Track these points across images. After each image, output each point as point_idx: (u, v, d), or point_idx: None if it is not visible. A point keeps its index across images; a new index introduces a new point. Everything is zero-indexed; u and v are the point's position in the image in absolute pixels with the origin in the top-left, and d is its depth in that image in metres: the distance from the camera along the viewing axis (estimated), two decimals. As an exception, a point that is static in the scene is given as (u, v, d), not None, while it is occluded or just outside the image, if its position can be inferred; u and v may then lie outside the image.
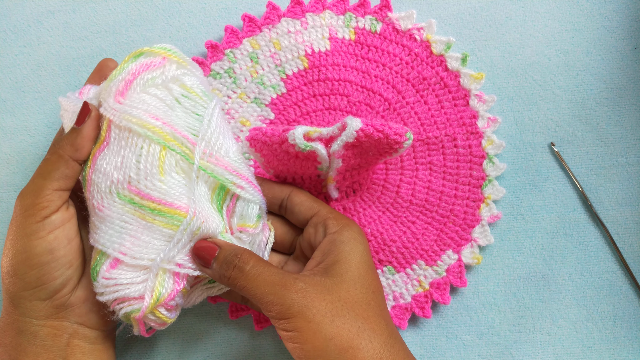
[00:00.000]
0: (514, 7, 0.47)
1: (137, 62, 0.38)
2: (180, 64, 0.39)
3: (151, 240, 0.36)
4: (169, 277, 0.36)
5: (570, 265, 0.46)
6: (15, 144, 0.48)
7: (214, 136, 0.37)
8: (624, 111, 0.47)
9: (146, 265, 0.36)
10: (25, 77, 0.48)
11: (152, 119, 0.36)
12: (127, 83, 0.37)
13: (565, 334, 0.46)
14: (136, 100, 0.37)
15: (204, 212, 0.37)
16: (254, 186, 0.39)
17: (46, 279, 0.37)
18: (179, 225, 0.36)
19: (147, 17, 0.48)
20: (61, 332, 0.38)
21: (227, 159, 0.38)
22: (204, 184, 0.37)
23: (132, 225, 0.36)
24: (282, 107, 0.46)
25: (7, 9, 0.48)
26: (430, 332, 0.46)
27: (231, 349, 0.46)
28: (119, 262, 0.36)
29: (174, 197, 0.36)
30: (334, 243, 0.37)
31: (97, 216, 0.37)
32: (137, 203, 0.36)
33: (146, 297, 0.36)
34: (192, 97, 0.38)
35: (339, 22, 0.47)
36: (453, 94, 0.46)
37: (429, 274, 0.45)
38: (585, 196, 0.46)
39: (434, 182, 0.45)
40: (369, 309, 0.35)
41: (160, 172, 0.36)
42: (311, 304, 0.34)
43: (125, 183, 0.36)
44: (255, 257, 0.36)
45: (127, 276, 0.36)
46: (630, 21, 0.47)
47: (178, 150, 0.36)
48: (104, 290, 0.36)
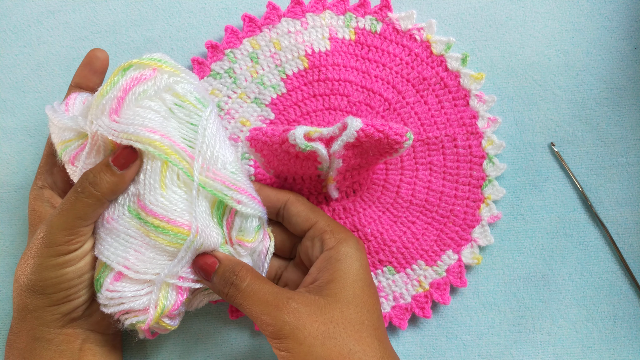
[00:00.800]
0: (514, 7, 0.47)
1: (127, 76, 0.37)
2: (172, 72, 0.38)
3: (155, 256, 0.37)
4: (172, 290, 0.37)
5: (570, 265, 0.46)
6: (15, 144, 0.48)
7: (209, 148, 0.37)
8: (624, 111, 0.47)
9: (149, 280, 0.37)
10: (25, 77, 0.48)
11: (150, 132, 0.36)
12: (120, 100, 0.37)
13: (565, 334, 0.46)
14: (131, 116, 0.36)
15: (205, 228, 0.37)
16: (253, 198, 0.39)
17: (73, 297, 0.38)
18: (182, 243, 0.36)
19: (147, 17, 0.48)
20: (75, 338, 0.39)
21: (225, 172, 0.38)
22: (204, 199, 0.37)
23: (137, 240, 0.37)
24: (282, 107, 0.46)
25: (7, 9, 0.48)
26: (430, 332, 0.46)
27: (231, 349, 0.46)
28: (123, 276, 0.37)
29: (176, 213, 0.36)
30: (330, 261, 0.37)
31: (104, 227, 0.37)
32: (143, 219, 0.36)
33: (150, 310, 0.37)
34: (186, 105, 0.38)
35: (339, 22, 0.47)
36: (453, 94, 0.46)
37: (429, 274, 0.45)
38: (585, 196, 0.46)
39: (434, 182, 0.45)
40: (362, 329, 0.35)
41: (161, 186, 0.36)
42: (303, 325, 0.34)
43: (135, 197, 0.37)
44: (252, 273, 0.36)
45: (130, 289, 0.37)
46: (630, 21, 0.47)
47: (179, 165, 0.36)
48: (108, 303, 0.37)
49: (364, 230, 0.45)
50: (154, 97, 0.37)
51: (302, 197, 0.41)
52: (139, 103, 0.37)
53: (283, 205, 0.41)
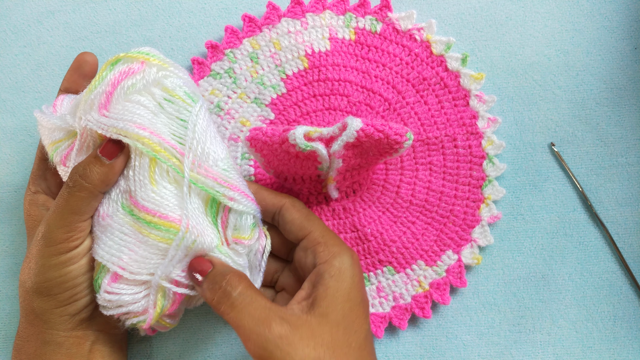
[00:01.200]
0: (514, 7, 0.47)
1: (115, 70, 0.37)
2: (161, 66, 0.38)
3: (148, 254, 0.36)
4: (170, 290, 0.37)
5: (570, 265, 0.46)
6: (15, 144, 0.48)
7: (200, 145, 0.36)
8: (624, 111, 0.47)
9: (145, 280, 0.36)
10: (25, 77, 0.48)
11: (139, 129, 0.35)
12: (108, 95, 0.36)
13: (565, 334, 0.46)
14: (120, 111, 0.36)
15: (198, 225, 0.36)
16: (246, 195, 0.38)
17: (79, 296, 0.38)
18: (174, 239, 0.35)
19: (147, 17, 0.48)
20: (84, 340, 0.39)
21: (216, 169, 0.37)
22: (196, 196, 0.37)
23: (131, 238, 0.36)
24: (282, 107, 0.46)
25: (7, 9, 0.48)
26: (430, 332, 0.46)
27: (231, 349, 0.46)
28: (119, 277, 0.36)
29: (168, 208, 0.36)
30: (322, 277, 0.36)
31: (99, 225, 0.37)
32: (136, 215, 0.36)
33: (149, 310, 0.36)
34: (175, 100, 0.37)
35: (339, 22, 0.47)
36: (453, 94, 0.46)
37: (428, 274, 0.45)
38: (585, 196, 0.46)
39: (434, 182, 0.45)
40: (349, 352, 0.35)
41: (151, 182, 0.36)
42: (294, 352, 0.33)
43: (127, 193, 0.36)
44: (245, 282, 0.35)
45: (128, 292, 0.36)
46: (630, 21, 0.47)
47: (168, 162, 0.36)
48: (107, 305, 0.37)
49: (364, 231, 0.45)
50: (142, 91, 0.37)
51: (298, 203, 0.40)
52: (128, 97, 0.36)
53: (278, 211, 0.40)
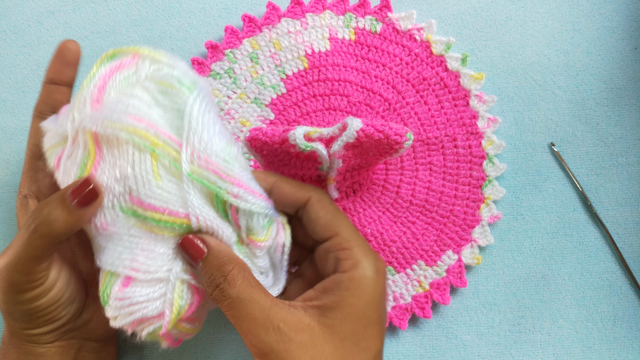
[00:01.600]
0: (514, 7, 0.47)
1: (107, 65, 0.35)
2: (154, 58, 0.36)
3: (165, 250, 0.34)
4: (188, 288, 0.34)
5: (570, 265, 0.46)
6: (15, 144, 0.48)
7: (197, 135, 0.34)
8: (624, 111, 0.47)
9: (162, 278, 0.33)
10: (25, 77, 0.48)
11: (134, 120, 0.33)
12: (100, 89, 0.34)
13: (565, 334, 0.46)
14: (114, 104, 0.34)
15: (213, 220, 0.34)
16: (252, 192, 0.35)
17: (54, 318, 0.36)
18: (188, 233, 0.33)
19: (147, 17, 0.48)
20: (68, 349, 0.38)
21: (216, 159, 0.34)
22: (198, 192, 0.34)
23: (142, 239, 0.33)
24: (282, 107, 0.46)
25: (7, 9, 0.48)
26: (430, 332, 0.46)
27: (231, 349, 0.46)
28: (131, 280, 0.33)
29: (177, 204, 0.33)
30: (339, 287, 0.33)
31: (101, 236, 0.34)
32: (141, 215, 0.33)
33: (166, 311, 0.33)
34: (169, 91, 0.34)
35: (339, 23, 0.47)
36: (453, 94, 0.46)
37: (429, 275, 0.45)
38: (585, 196, 0.46)
39: (434, 182, 0.45)
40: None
41: (155, 177, 0.33)
42: (291, 358, 0.31)
43: (127, 195, 0.33)
44: (243, 276, 0.32)
45: (142, 293, 0.33)
46: (630, 21, 0.47)
47: (166, 155, 0.33)
48: (118, 313, 0.33)
49: (364, 231, 0.45)
50: (136, 84, 0.34)
51: (325, 198, 0.36)
52: (122, 91, 0.34)
53: (303, 206, 0.36)
